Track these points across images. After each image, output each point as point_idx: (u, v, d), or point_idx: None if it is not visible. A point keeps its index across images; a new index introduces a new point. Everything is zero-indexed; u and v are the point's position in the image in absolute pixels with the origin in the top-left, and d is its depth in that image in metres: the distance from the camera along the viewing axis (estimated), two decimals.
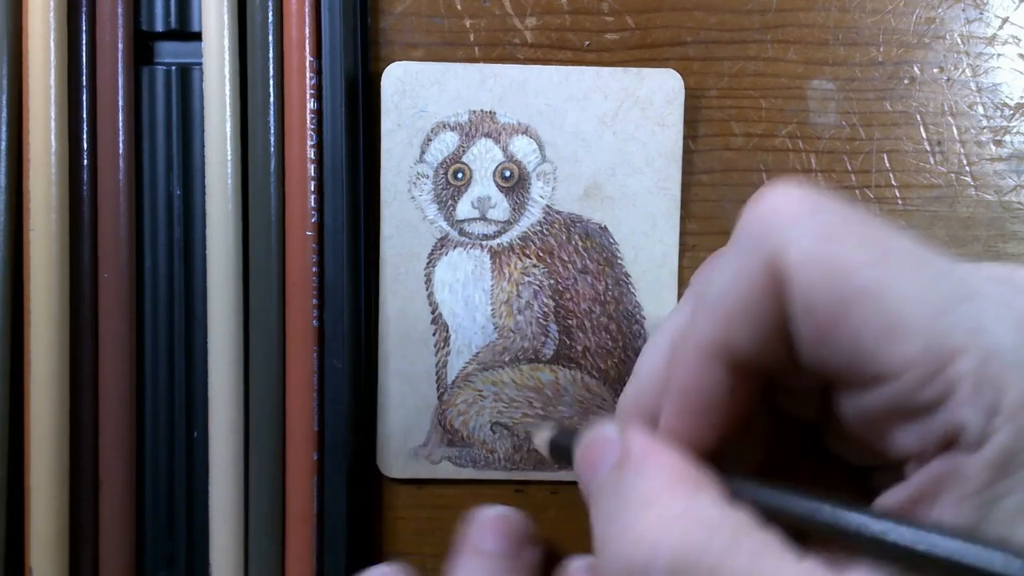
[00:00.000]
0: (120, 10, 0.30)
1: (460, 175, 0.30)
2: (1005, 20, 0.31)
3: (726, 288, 0.17)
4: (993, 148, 0.31)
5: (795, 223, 0.16)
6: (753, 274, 0.16)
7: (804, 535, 0.16)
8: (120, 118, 0.30)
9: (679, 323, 0.19)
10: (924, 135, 0.31)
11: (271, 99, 0.29)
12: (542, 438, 0.23)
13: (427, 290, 0.31)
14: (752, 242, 0.16)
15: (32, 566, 0.29)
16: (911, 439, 0.15)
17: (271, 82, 0.29)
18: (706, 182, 0.31)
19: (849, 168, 0.31)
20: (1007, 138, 0.31)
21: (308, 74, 0.29)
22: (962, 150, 0.31)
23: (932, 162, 0.31)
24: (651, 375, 0.20)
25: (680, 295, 0.31)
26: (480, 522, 0.28)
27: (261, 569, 0.30)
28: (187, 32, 0.30)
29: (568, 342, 0.31)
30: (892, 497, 0.16)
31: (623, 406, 0.21)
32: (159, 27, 0.30)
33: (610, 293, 0.30)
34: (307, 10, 0.29)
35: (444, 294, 0.31)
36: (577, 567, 0.26)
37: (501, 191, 0.30)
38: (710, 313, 0.17)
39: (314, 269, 0.29)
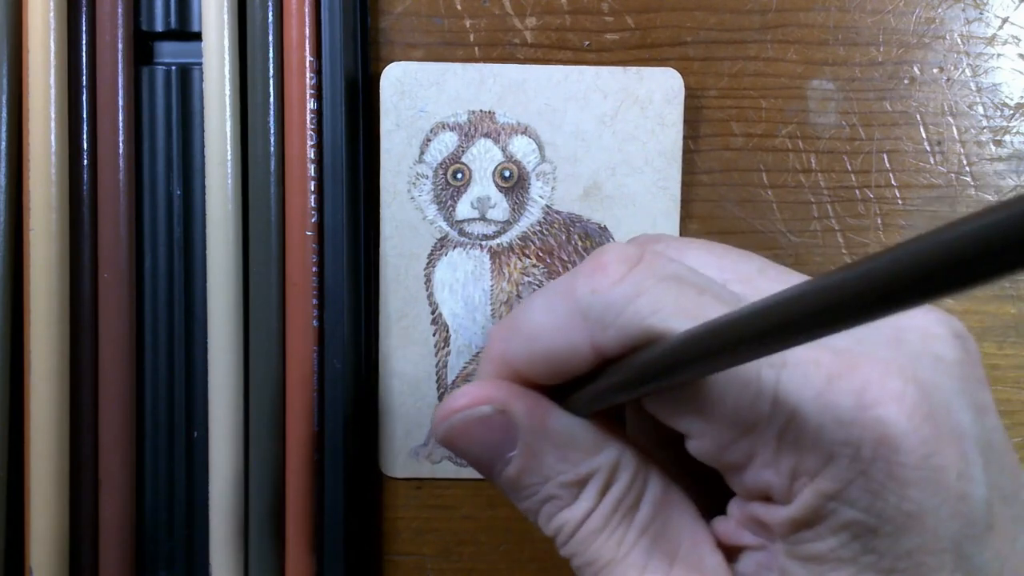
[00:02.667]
0: (120, 10, 0.30)
1: (459, 175, 0.30)
2: (1005, 20, 0.31)
3: (542, 337, 0.17)
4: (993, 148, 0.31)
5: (606, 298, 0.16)
6: (571, 340, 0.17)
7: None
8: (120, 118, 0.30)
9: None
10: (924, 135, 0.31)
11: (271, 99, 0.29)
12: None
13: (427, 290, 0.31)
14: (579, 316, 0.16)
15: (32, 566, 0.29)
16: (733, 485, 0.17)
17: (271, 82, 0.29)
18: (706, 182, 0.31)
19: (849, 168, 0.31)
20: (1007, 138, 0.31)
21: (308, 74, 0.29)
22: (962, 150, 0.31)
23: (932, 162, 0.31)
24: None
25: None
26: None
27: (261, 569, 0.30)
28: (187, 32, 0.30)
29: None
30: (720, 527, 0.17)
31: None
32: (159, 27, 0.30)
33: None
34: (307, 10, 0.29)
35: (444, 294, 0.31)
36: None
37: (501, 191, 0.30)
38: (522, 349, 0.17)
39: (314, 269, 0.29)
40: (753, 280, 0.18)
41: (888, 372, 0.15)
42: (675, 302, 0.16)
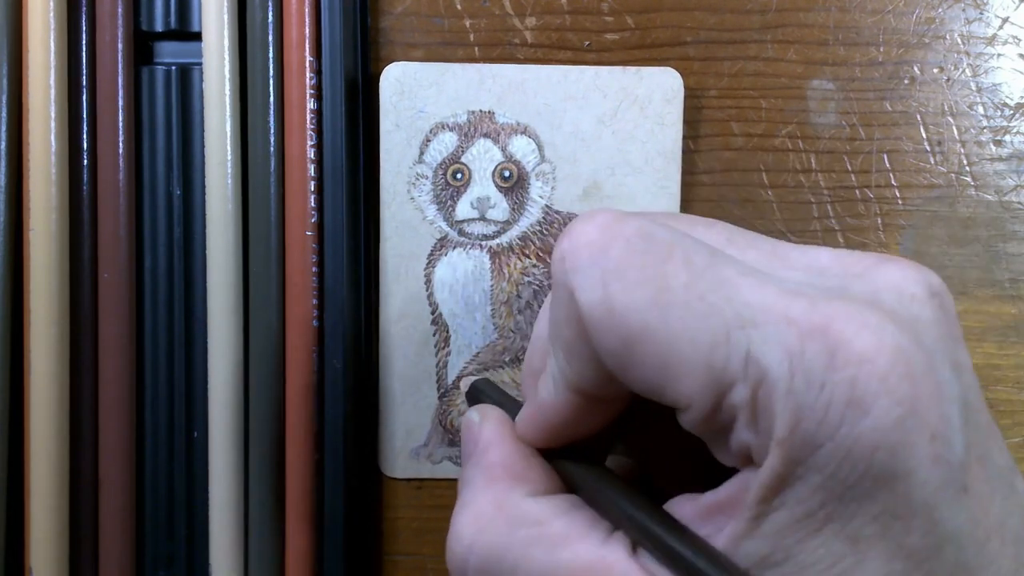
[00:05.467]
0: (120, 10, 0.30)
1: (459, 175, 0.30)
2: (1005, 20, 0.31)
3: (553, 331, 0.18)
4: (993, 148, 0.31)
5: (584, 266, 0.16)
6: (568, 319, 0.17)
7: None
8: (120, 118, 0.30)
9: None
10: (924, 135, 0.31)
11: (271, 99, 0.29)
12: (467, 382, 0.25)
13: (427, 290, 0.31)
14: (557, 288, 0.17)
15: (32, 566, 0.29)
16: (721, 457, 0.17)
17: (271, 82, 0.29)
18: (706, 182, 0.31)
19: (849, 168, 0.31)
20: (1007, 138, 0.31)
21: (308, 74, 0.29)
22: (962, 150, 0.31)
23: (932, 162, 0.31)
24: (541, 337, 0.21)
25: None
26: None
27: (261, 569, 0.30)
28: (187, 32, 0.30)
29: None
30: (708, 498, 0.17)
31: (524, 368, 0.22)
32: (159, 27, 0.30)
33: None
34: (307, 10, 0.29)
35: (444, 294, 0.31)
36: None
37: (500, 191, 0.30)
38: (541, 351, 0.19)
39: (314, 269, 0.29)
40: (734, 240, 0.18)
41: (862, 331, 0.15)
42: (639, 267, 0.16)
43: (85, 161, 0.30)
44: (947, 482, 0.15)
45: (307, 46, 0.29)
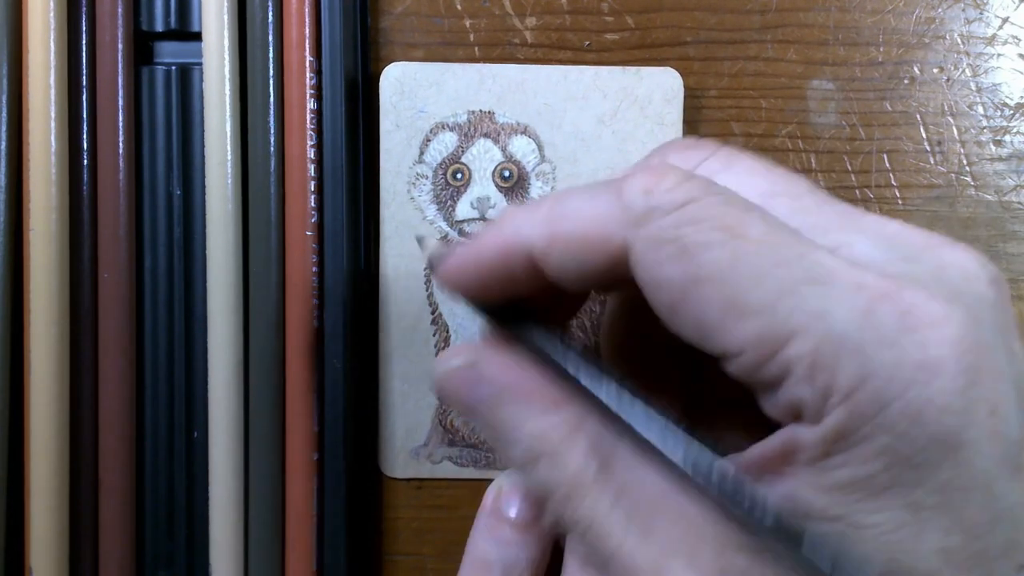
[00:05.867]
0: (120, 10, 0.30)
1: (459, 175, 0.30)
2: (1005, 20, 0.31)
3: (574, 219, 0.18)
4: (993, 148, 0.31)
5: (663, 200, 0.16)
6: (605, 232, 0.17)
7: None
8: (120, 118, 0.30)
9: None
10: (924, 135, 0.31)
11: (271, 99, 0.29)
12: (428, 246, 0.25)
13: (427, 290, 0.31)
14: (620, 201, 0.17)
15: (32, 566, 0.29)
16: (767, 406, 0.16)
17: (271, 82, 0.29)
18: None
19: (849, 168, 0.31)
20: (1007, 138, 0.31)
21: (308, 74, 0.29)
22: (962, 150, 0.31)
23: (932, 162, 0.31)
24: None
25: None
26: (505, 489, 0.28)
27: (261, 569, 0.30)
28: (187, 32, 0.30)
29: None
30: (750, 454, 0.17)
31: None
32: (159, 27, 0.30)
33: None
34: (307, 10, 0.29)
35: (444, 294, 0.31)
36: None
37: (500, 191, 0.30)
38: (545, 222, 0.18)
39: (314, 269, 0.29)
40: (803, 197, 0.17)
41: (933, 298, 0.15)
42: (719, 217, 0.16)
43: (85, 161, 0.30)
44: (1005, 458, 0.15)
45: (307, 46, 0.29)
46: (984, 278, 0.16)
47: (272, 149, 0.29)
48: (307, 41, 0.29)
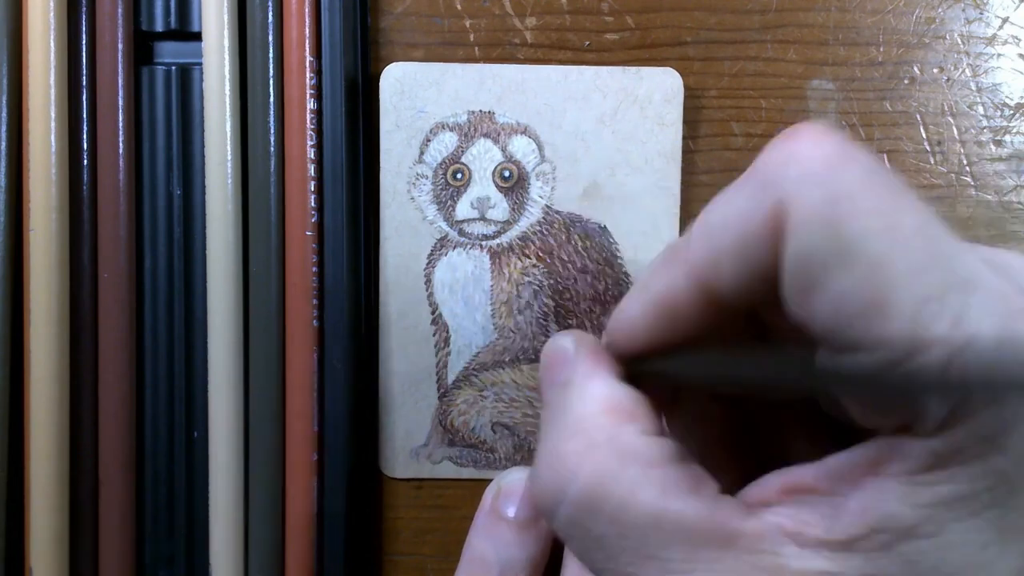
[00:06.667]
0: (120, 10, 0.30)
1: (459, 175, 0.30)
2: (1005, 20, 0.31)
3: (726, 222, 0.17)
4: (993, 148, 0.31)
5: (809, 176, 0.16)
6: (755, 217, 0.16)
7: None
8: (120, 118, 0.30)
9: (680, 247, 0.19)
10: (924, 135, 0.31)
11: (271, 99, 0.29)
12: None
13: (427, 290, 0.31)
14: (762, 186, 0.16)
15: (32, 566, 0.29)
16: (875, 409, 0.16)
17: (271, 82, 0.29)
18: (706, 182, 0.31)
19: None
20: (1007, 138, 0.31)
21: (308, 74, 0.29)
22: (962, 150, 0.31)
23: (932, 162, 0.31)
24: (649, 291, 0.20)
25: None
26: (504, 489, 0.28)
27: (261, 569, 0.30)
28: (187, 32, 0.30)
29: None
30: (832, 463, 0.16)
31: (619, 313, 0.21)
32: (159, 27, 0.30)
33: (610, 293, 0.30)
34: (307, 10, 0.29)
35: (444, 294, 0.31)
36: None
37: (500, 191, 0.30)
38: (704, 241, 0.17)
39: (314, 269, 0.29)
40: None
41: None
42: (872, 196, 0.15)
43: (85, 161, 0.30)
44: None
45: (307, 46, 0.29)
46: None
47: (272, 149, 0.29)
48: (307, 41, 0.29)
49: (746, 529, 0.16)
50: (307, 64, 0.29)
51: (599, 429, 0.17)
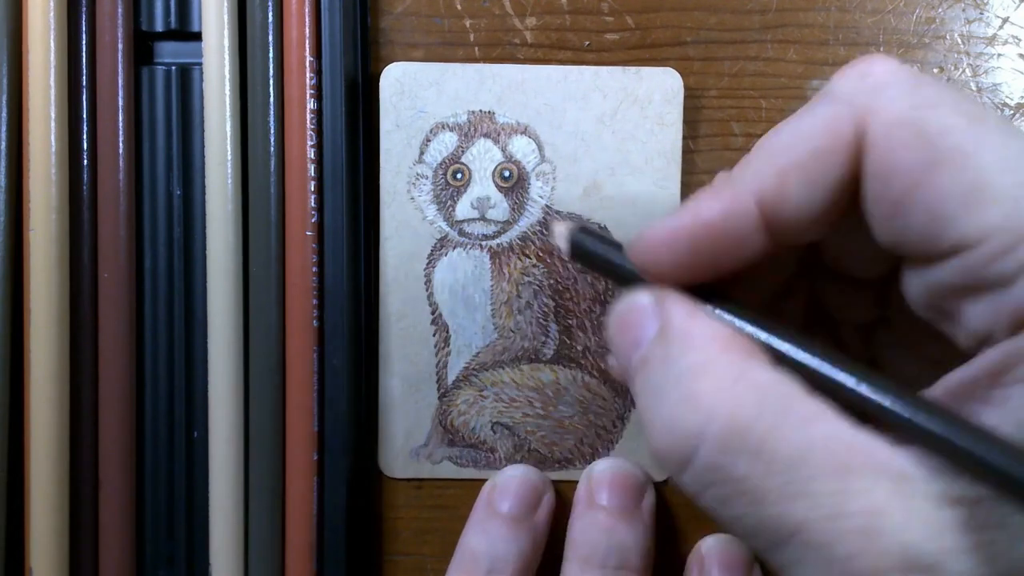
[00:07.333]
0: (120, 10, 0.30)
1: (459, 175, 0.30)
2: (1005, 20, 0.31)
3: (794, 140, 0.17)
4: None
5: (890, 86, 0.16)
6: (831, 131, 0.16)
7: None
8: (120, 118, 0.30)
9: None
10: None
11: (271, 99, 0.29)
12: (560, 232, 0.22)
13: (427, 290, 0.31)
14: (841, 98, 0.16)
15: (32, 566, 0.29)
16: (982, 317, 0.15)
17: (271, 82, 0.29)
18: (706, 182, 0.31)
19: None
20: None
21: (308, 74, 0.29)
22: None
23: None
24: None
25: None
26: (500, 484, 0.28)
27: (261, 569, 0.30)
28: (187, 32, 0.30)
29: (568, 342, 0.31)
30: (954, 378, 0.15)
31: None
32: (159, 27, 0.30)
33: (610, 293, 0.31)
34: (307, 10, 0.29)
35: (444, 294, 0.31)
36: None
37: (500, 191, 0.30)
38: (767, 160, 0.17)
39: (314, 269, 0.29)
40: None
41: None
42: (955, 102, 0.15)
43: (85, 161, 0.30)
44: None
45: (307, 46, 0.29)
46: None
47: (272, 149, 0.29)
48: (307, 41, 0.29)
49: (897, 455, 0.15)
50: (307, 64, 0.29)
51: (726, 366, 0.16)
